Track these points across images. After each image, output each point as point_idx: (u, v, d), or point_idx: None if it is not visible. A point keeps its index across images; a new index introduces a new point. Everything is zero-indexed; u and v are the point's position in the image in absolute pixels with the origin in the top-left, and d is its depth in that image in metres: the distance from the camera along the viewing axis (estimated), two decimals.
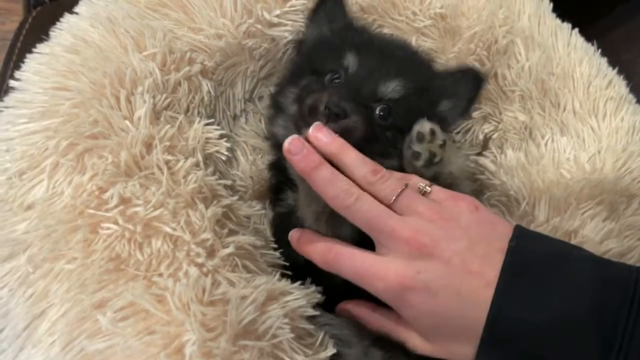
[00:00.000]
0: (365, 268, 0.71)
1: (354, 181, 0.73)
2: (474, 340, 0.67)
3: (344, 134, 0.77)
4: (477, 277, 0.67)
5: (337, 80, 0.86)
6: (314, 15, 0.98)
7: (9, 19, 2.27)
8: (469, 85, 0.96)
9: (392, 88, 0.85)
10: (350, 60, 0.86)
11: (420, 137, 0.81)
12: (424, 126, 0.81)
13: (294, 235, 0.80)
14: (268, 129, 0.99)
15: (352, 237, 0.76)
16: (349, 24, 0.97)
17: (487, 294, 0.66)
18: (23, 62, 0.88)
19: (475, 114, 1.09)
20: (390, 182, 0.74)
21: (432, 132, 0.81)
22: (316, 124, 0.76)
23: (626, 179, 0.97)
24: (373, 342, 0.81)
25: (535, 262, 0.68)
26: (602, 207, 0.95)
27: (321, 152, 0.74)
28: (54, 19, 0.93)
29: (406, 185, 0.74)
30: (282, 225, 0.89)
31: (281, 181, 0.90)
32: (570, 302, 0.65)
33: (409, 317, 0.71)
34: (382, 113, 0.84)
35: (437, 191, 0.76)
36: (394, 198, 0.73)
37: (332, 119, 0.78)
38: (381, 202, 0.72)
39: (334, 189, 0.72)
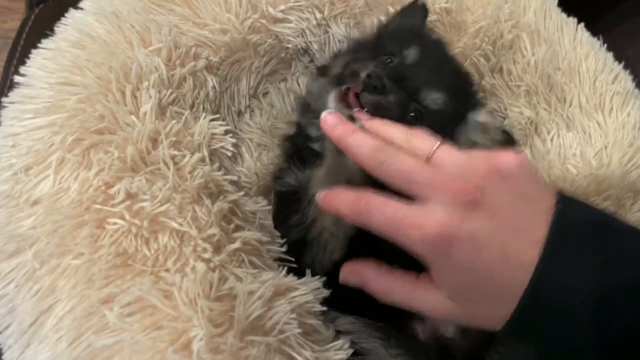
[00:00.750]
0: (401, 216, 0.64)
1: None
2: (509, 304, 0.61)
3: (377, 110, 0.77)
4: (524, 235, 0.61)
5: (390, 63, 0.88)
6: (407, 8, 1.00)
7: (10, 17, 2.27)
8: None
9: (433, 98, 0.85)
10: (412, 53, 0.88)
11: (484, 129, 0.81)
12: (485, 116, 0.83)
13: (320, 195, 0.73)
14: (307, 87, 1.02)
15: None
16: (424, 29, 0.99)
17: (533, 254, 0.60)
18: (26, 60, 0.87)
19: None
20: (426, 138, 0.70)
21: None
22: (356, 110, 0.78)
23: (633, 174, 0.97)
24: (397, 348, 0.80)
25: (582, 228, 0.62)
26: (609, 202, 0.95)
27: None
28: (56, 16, 0.92)
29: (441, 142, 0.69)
30: (281, 204, 0.89)
31: (289, 156, 0.91)
32: (619, 271, 0.61)
33: (443, 271, 0.64)
34: (413, 114, 0.84)
35: (477, 151, 0.70)
36: (431, 152, 0.67)
37: (370, 89, 0.78)
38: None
39: (368, 148, 0.68)
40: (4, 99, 0.84)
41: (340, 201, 0.70)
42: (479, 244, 0.61)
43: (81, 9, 0.92)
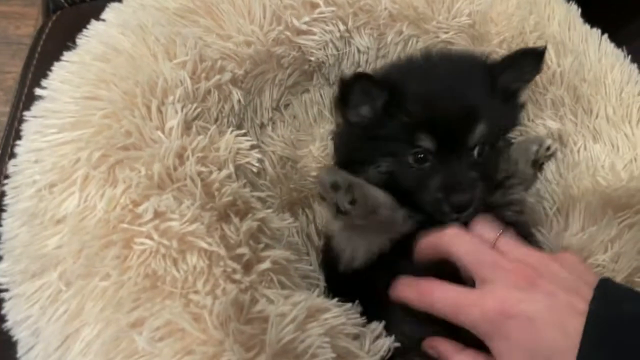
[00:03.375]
0: (462, 298, 0.70)
1: None
2: None
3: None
4: (574, 311, 0.64)
5: (426, 163, 0.86)
6: (346, 102, 0.90)
7: (24, 23, 2.28)
8: (530, 66, 0.94)
9: (479, 134, 0.85)
10: (426, 141, 0.84)
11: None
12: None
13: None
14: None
15: None
16: (395, 94, 0.88)
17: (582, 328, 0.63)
18: (46, 68, 0.86)
19: None
20: (488, 226, 0.78)
21: None
22: None
23: None
24: None
25: (619, 326, 0.64)
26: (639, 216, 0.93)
27: None
28: (73, 24, 0.91)
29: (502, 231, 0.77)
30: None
31: None
32: None
33: (503, 349, 0.67)
34: (479, 152, 0.86)
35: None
36: (495, 239, 0.76)
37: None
38: None
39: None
40: (26, 113, 0.82)
41: (406, 290, 0.77)
42: (536, 323, 0.65)
43: (103, 20, 0.91)
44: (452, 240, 0.75)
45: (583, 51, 1.06)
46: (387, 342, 0.76)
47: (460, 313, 0.69)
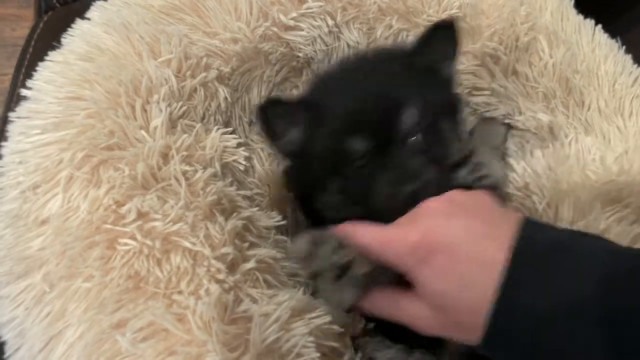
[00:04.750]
0: (387, 234, 0.70)
1: None
2: (482, 315, 0.63)
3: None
4: (494, 240, 0.65)
5: (367, 167, 0.82)
6: (272, 133, 0.86)
7: (20, 25, 2.29)
8: (446, 40, 0.91)
9: (409, 119, 0.82)
10: (357, 144, 0.81)
11: None
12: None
13: None
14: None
15: None
16: (314, 108, 0.85)
17: (501, 257, 0.63)
18: (35, 68, 0.86)
19: (494, 114, 1.07)
20: None
21: None
22: None
23: None
24: None
25: (543, 250, 0.65)
26: (629, 210, 0.92)
27: None
28: (65, 23, 0.91)
29: None
30: None
31: None
32: (575, 293, 0.62)
33: (424, 279, 0.67)
34: (423, 136, 0.83)
35: None
36: None
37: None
38: None
39: None
40: (11, 114, 0.82)
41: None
42: (455, 248, 0.66)
43: (88, 19, 0.91)
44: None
45: (576, 42, 1.05)
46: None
47: (386, 248, 0.69)
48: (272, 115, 0.84)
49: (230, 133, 0.87)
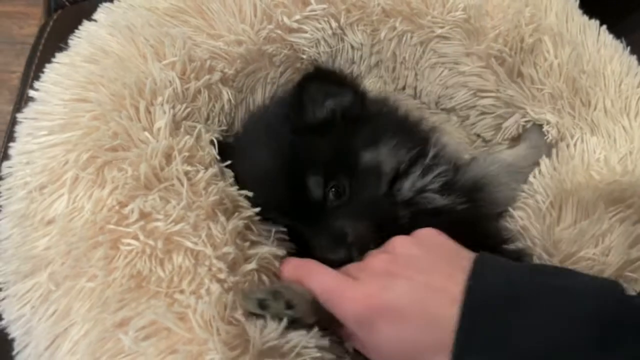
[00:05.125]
0: (336, 285, 0.71)
1: None
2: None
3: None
4: (441, 294, 0.65)
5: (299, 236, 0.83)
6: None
7: (27, 22, 2.31)
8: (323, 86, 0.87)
9: (316, 184, 0.81)
10: (279, 219, 0.83)
11: None
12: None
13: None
14: None
15: None
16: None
17: (452, 312, 0.63)
18: (44, 66, 0.87)
19: (501, 113, 1.08)
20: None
21: None
22: None
23: None
24: None
25: (496, 302, 0.64)
26: (632, 210, 0.92)
27: None
28: (74, 22, 0.93)
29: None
30: None
31: None
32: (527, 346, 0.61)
33: (372, 345, 0.69)
34: (334, 192, 0.82)
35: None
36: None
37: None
38: None
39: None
40: (19, 115, 0.84)
41: (285, 267, 0.78)
42: (401, 311, 0.65)
43: (95, 21, 0.92)
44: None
45: (581, 42, 1.05)
46: None
47: (334, 305, 0.70)
48: None
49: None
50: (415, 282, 0.67)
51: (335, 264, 0.76)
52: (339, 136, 0.83)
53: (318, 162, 0.81)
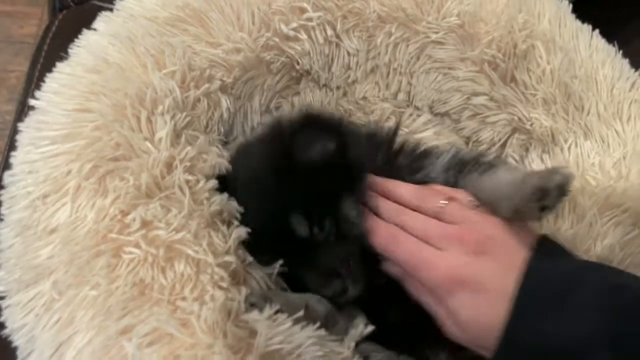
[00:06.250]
0: (421, 255, 0.75)
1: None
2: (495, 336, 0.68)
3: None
4: (510, 273, 0.70)
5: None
6: None
7: (27, 22, 2.31)
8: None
9: (300, 225, 0.80)
10: (267, 259, 0.81)
11: None
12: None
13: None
14: None
15: None
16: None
17: (514, 290, 0.69)
18: (50, 66, 0.89)
19: (495, 118, 1.09)
20: (436, 196, 0.81)
21: None
22: None
23: None
24: None
25: (551, 286, 0.69)
26: (627, 214, 0.93)
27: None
28: (79, 23, 0.94)
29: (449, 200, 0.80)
30: None
31: None
32: (580, 329, 0.66)
33: (451, 307, 0.72)
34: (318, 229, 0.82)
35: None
36: (440, 209, 0.79)
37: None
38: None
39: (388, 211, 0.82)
40: (20, 124, 0.85)
41: (375, 236, 0.80)
42: (481, 283, 0.71)
43: (94, 29, 0.93)
44: (405, 220, 0.80)
45: (574, 47, 1.06)
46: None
47: (418, 271, 0.75)
48: None
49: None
50: (495, 259, 0.72)
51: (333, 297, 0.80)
52: (322, 179, 0.82)
53: (301, 202, 0.80)
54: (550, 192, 0.72)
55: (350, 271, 0.80)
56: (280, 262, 0.81)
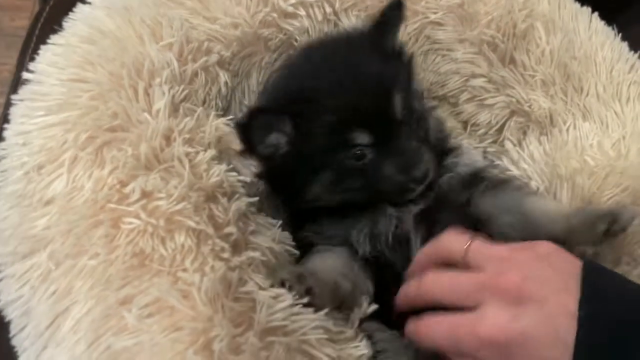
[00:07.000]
0: (457, 326, 0.68)
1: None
2: None
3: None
4: (563, 317, 0.63)
5: (367, 157, 0.82)
6: (250, 143, 0.83)
7: (19, 15, 2.29)
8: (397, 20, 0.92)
9: (400, 104, 0.83)
10: (361, 137, 0.81)
11: None
12: None
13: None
14: None
15: None
16: (301, 111, 0.83)
17: (573, 335, 0.61)
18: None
19: (493, 100, 1.08)
20: (454, 241, 0.75)
21: None
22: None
23: None
24: None
25: (612, 325, 0.62)
26: (626, 194, 0.93)
27: None
28: (70, 10, 0.92)
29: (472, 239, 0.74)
30: None
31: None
32: None
33: None
34: (412, 120, 0.86)
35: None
36: (463, 253, 0.73)
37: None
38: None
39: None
40: (13, 96, 0.83)
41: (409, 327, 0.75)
42: (534, 337, 0.63)
43: (89, 3, 0.91)
44: (429, 288, 0.73)
45: (573, 29, 1.06)
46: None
47: (460, 346, 0.67)
48: (255, 128, 0.81)
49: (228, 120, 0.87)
50: (548, 304, 0.64)
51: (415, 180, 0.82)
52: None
53: (400, 84, 0.85)
54: (620, 219, 0.74)
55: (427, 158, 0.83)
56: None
